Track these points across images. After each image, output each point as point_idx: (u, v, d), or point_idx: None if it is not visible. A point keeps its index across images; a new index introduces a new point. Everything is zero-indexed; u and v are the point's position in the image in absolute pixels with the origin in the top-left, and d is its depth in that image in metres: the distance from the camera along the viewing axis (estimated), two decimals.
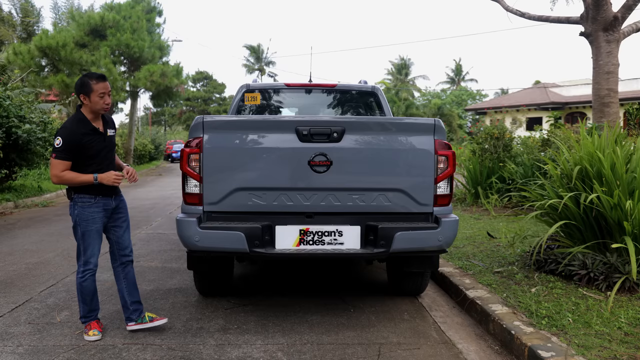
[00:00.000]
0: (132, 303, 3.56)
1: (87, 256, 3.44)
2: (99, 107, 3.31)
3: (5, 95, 9.86)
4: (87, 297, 3.46)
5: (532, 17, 10.56)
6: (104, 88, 3.31)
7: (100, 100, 3.30)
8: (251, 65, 54.93)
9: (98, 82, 3.30)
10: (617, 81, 9.29)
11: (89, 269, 3.44)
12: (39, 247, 6.27)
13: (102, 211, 3.42)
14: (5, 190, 10.67)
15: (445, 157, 3.53)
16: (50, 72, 20.22)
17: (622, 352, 2.89)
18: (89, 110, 3.34)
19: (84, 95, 3.29)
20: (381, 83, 51.74)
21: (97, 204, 3.39)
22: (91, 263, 3.45)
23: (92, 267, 3.44)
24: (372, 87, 5.54)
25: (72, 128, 3.29)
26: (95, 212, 3.39)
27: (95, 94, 3.28)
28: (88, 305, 3.47)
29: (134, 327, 3.53)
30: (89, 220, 3.38)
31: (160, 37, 22.99)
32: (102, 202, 3.41)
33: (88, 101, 3.30)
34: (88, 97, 3.29)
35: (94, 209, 3.38)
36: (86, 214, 3.37)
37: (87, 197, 3.37)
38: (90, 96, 3.28)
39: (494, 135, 9.62)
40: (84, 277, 3.44)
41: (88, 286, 3.45)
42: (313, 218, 3.48)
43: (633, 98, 21.49)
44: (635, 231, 3.98)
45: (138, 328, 3.52)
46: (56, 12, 27.44)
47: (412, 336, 3.50)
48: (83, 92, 3.29)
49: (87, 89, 3.28)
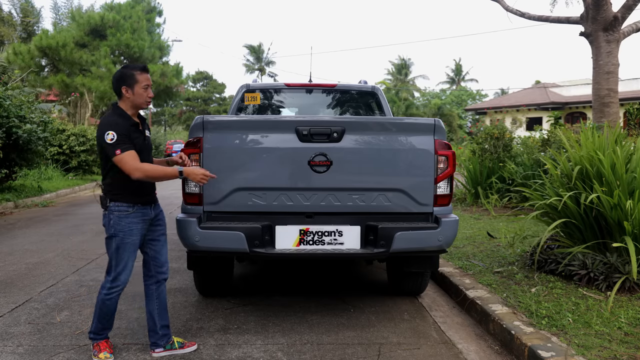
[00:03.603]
0: (161, 327, 3.18)
1: (117, 272, 3.06)
2: (142, 100, 3.03)
3: (5, 95, 9.86)
4: (105, 316, 3.09)
5: (532, 17, 10.56)
6: (147, 80, 3.04)
7: (144, 93, 3.02)
8: (251, 65, 54.94)
9: (142, 72, 3.02)
10: (617, 81, 9.29)
11: (116, 286, 3.07)
12: (39, 247, 6.27)
13: (140, 222, 3.07)
14: (5, 190, 10.67)
15: (445, 157, 3.53)
16: (50, 72, 20.24)
17: (622, 352, 2.89)
18: (130, 104, 3.03)
19: (127, 87, 2.99)
20: (381, 83, 51.74)
21: (135, 214, 3.03)
22: (120, 280, 3.07)
23: (121, 285, 3.08)
24: (372, 87, 5.54)
25: (117, 120, 2.96)
26: (133, 222, 3.03)
27: (140, 85, 3.00)
28: (102, 324, 3.11)
29: (162, 353, 3.15)
30: (125, 232, 3.02)
31: (160, 37, 23.03)
32: (141, 211, 3.06)
33: (131, 93, 3.00)
34: (131, 89, 2.99)
35: (131, 219, 3.02)
36: (123, 224, 3.01)
37: (125, 205, 3.01)
38: (134, 88, 2.99)
39: (494, 135, 9.62)
40: (109, 294, 3.06)
41: (111, 305, 3.08)
42: (313, 218, 3.48)
43: (633, 98, 21.49)
44: (635, 231, 3.98)
45: (166, 355, 3.15)
46: (56, 12, 27.45)
47: (412, 336, 3.50)
48: (125, 84, 2.99)
49: (131, 80, 2.99)
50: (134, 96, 3.01)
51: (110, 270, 3.09)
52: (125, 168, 2.90)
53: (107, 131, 2.90)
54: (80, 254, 5.93)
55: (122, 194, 3.01)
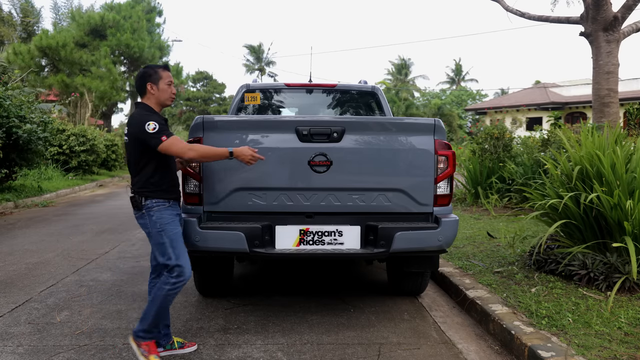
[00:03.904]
0: (164, 326, 3.16)
1: (180, 263, 2.97)
2: (167, 96, 3.06)
3: (5, 95, 9.85)
4: (164, 310, 3.02)
5: (532, 17, 10.56)
6: (170, 77, 3.09)
7: (168, 89, 3.06)
8: (251, 65, 54.93)
9: (165, 70, 3.08)
10: (617, 81, 9.28)
11: (182, 280, 2.98)
12: (39, 247, 6.27)
13: (176, 216, 3.08)
14: (5, 190, 10.67)
15: (445, 157, 3.53)
16: (50, 72, 20.24)
17: (622, 352, 2.89)
18: (155, 101, 3.06)
19: (152, 84, 3.02)
20: (381, 83, 51.75)
21: (171, 207, 3.05)
22: (186, 272, 2.98)
23: (186, 277, 2.99)
24: (372, 87, 5.54)
25: (150, 113, 2.98)
26: (173, 214, 3.05)
27: (164, 81, 3.04)
28: (158, 319, 3.02)
29: (162, 353, 3.13)
30: (170, 223, 3.00)
31: (160, 37, 23.03)
32: (174, 206, 3.08)
33: (156, 89, 3.03)
34: (156, 85, 3.02)
35: (170, 211, 3.03)
36: (166, 216, 3.00)
37: (162, 200, 3.01)
38: (159, 84, 3.03)
39: (494, 135, 9.63)
40: (174, 288, 2.97)
41: (171, 300, 3.02)
42: (313, 218, 3.48)
43: (633, 98, 21.49)
44: (636, 231, 3.98)
45: (166, 355, 3.14)
46: (56, 12, 27.43)
47: (412, 336, 3.51)
48: (150, 81, 3.02)
49: (155, 76, 3.02)
50: (159, 92, 3.04)
51: (174, 266, 2.98)
52: (176, 150, 2.91)
53: (147, 122, 2.89)
54: (80, 254, 5.93)
55: (157, 190, 3.00)
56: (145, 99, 3.07)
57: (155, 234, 2.99)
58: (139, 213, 3.04)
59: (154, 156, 3.00)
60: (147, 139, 2.91)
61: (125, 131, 3.08)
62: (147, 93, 3.05)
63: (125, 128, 3.06)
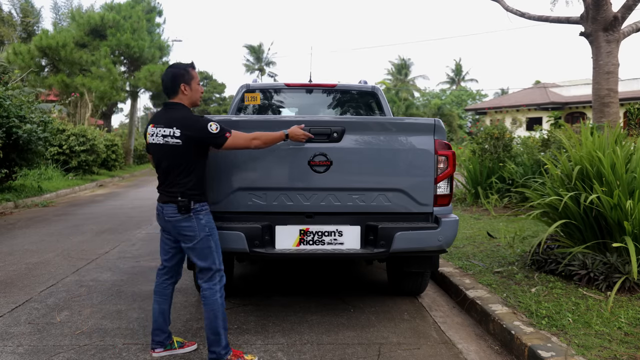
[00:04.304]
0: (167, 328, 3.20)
1: (222, 268, 3.04)
2: (198, 95, 3.02)
3: (5, 95, 9.85)
4: (225, 317, 2.99)
5: (532, 17, 10.56)
6: (198, 76, 3.04)
7: (199, 89, 3.02)
8: (251, 65, 54.93)
9: (193, 69, 3.01)
10: (617, 81, 9.28)
11: (224, 283, 3.04)
12: (39, 247, 6.27)
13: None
14: (5, 190, 10.67)
15: (445, 157, 3.53)
16: (50, 72, 20.22)
17: (622, 352, 2.89)
18: (188, 101, 3.00)
19: (185, 85, 2.95)
20: (381, 83, 51.74)
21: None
22: (225, 275, 3.05)
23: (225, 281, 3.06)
24: (372, 87, 5.54)
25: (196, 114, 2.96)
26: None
27: (195, 81, 2.99)
28: (225, 328, 2.98)
29: (162, 353, 3.13)
30: (215, 227, 3.03)
31: (160, 37, 23.01)
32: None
33: (189, 90, 2.97)
34: (189, 86, 2.96)
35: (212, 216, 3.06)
36: (212, 221, 3.01)
37: (207, 204, 3.02)
38: (191, 84, 2.97)
39: (494, 135, 9.62)
40: (223, 293, 3.00)
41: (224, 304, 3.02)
42: (313, 218, 3.48)
43: (633, 98, 21.49)
44: (636, 231, 3.98)
45: (167, 354, 3.14)
46: (56, 12, 27.46)
47: (412, 336, 3.50)
48: (184, 81, 2.95)
49: (188, 76, 2.95)
50: (192, 92, 2.99)
51: (215, 270, 2.99)
52: (242, 143, 2.97)
53: (208, 123, 2.87)
54: (80, 254, 5.93)
55: (203, 193, 3.00)
56: (178, 100, 2.99)
57: (204, 237, 2.95)
58: (185, 216, 2.92)
59: (205, 158, 3.01)
60: (211, 140, 2.90)
61: (159, 133, 2.92)
62: (179, 94, 2.97)
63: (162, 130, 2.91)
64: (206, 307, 2.95)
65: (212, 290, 2.96)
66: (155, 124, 2.96)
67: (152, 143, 2.96)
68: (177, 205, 2.90)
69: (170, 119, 2.92)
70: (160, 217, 3.03)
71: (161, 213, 3.00)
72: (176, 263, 3.21)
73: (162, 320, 3.16)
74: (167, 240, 3.14)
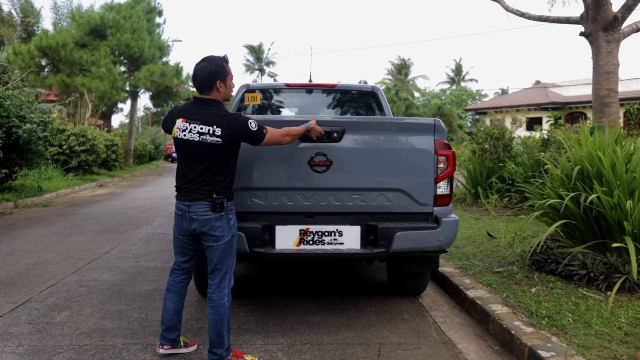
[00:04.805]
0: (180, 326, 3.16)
1: (233, 270, 2.97)
2: (230, 91, 2.92)
3: (5, 95, 9.85)
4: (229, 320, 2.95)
5: (532, 17, 10.57)
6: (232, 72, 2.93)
7: (231, 85, 2.92)
8: (251, 65, 54.94)
9: (228, 64, 2.88)
10: (617, 81, 9.29)
11: (232, 286, 2.99)
12: (39, 247, 6.27)
13: None
14: (5, 190, 10.66)
15: (445, 157, 3.53)
16: (50, 72, 20.21)
17: (622, 352, 2.89)
18: (222, 98, 2.89)
19: (221, 82, 2.83)
20: (381, 83, 51.75)
21: None
22: (233, 277, 2.99)
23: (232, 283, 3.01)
24: (372, 87, 5.54)
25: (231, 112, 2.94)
26: None
27: (230, 77, 2.89)
28: (229, 330, 2.94)
29: (169, 351, 3.11)
30: (237, 230, 3.01)
31: (160, 37, 22.98)
32: None
33: (224, 87, 2.86)
34: (224, 83, 2.85)
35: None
36: (236, 222, 2.98)
37: (232, 203, 2.95)
38: (227, 81, 2.86)
39: (494, 135, 9.62)
40: (230, 297, 2.95)
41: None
42: (313, 218, 3.48)
43: (633, 98, 21.50)
44: (635, 231, 3.98)
45: (172, 352, 3.13)
46: (56, 12, 27.43)
47: (412, 336, 3.50)
48: (220, 79, 2.83)
49: (224, 73, 2.83)
50: (226, 89, 2.91)
51: (229, 275, 2.94)
52: (277, 139, 3.00)
53: (248, 120, 2.84)
54: (80, 254, 5.93)
55: (232, 192, 2.95)
56: (213, 96, 2.87)
57: (231, 238, 2.91)
58: (217, 215, 2.83)
59: (237, 156, 2.97)
60: (251, 137, 2.88)
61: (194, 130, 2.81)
62: (214, 90, 2.86)
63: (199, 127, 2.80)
64: (212, 309, 2.90)
65: (220, 293, 2.90)
66: (187, 118, 2.83)
67: (184, 139, 2.82)
68: (212, 203, 2.80)
69: (208, 116, 2.81)
70: (182, 216, 2.89)
71: (185, 212, 2.86)
72: (194, 263, 3.16)
73: (177, 318, 3.11)
74: (185, 244, 3.02)
